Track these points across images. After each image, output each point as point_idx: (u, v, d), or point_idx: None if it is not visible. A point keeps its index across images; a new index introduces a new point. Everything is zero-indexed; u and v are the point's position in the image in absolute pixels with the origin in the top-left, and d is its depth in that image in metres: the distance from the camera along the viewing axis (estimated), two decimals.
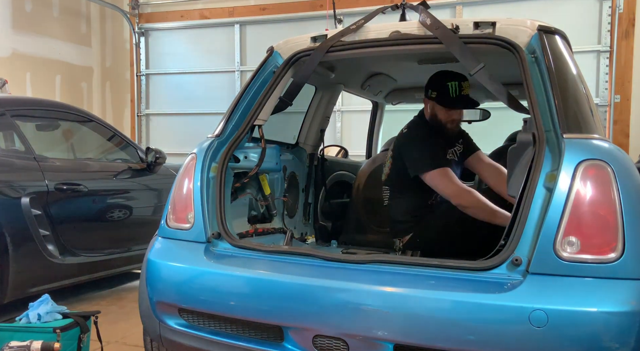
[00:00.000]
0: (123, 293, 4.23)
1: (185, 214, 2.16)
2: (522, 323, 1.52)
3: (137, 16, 7.98)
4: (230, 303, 1.91)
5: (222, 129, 2.34)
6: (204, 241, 2.09)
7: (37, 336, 2.33)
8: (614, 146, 1.74)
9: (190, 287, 2.01)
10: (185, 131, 7.65)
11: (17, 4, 6.68)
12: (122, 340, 3.17)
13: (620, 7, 5.95)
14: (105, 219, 3.94)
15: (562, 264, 1.58)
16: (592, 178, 1.63)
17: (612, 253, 1.56)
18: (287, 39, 2.49)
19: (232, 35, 7.55)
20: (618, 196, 1.59)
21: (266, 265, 1.97)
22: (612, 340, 1.47)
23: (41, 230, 3.40)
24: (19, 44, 6.69)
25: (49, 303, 2.54)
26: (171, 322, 2.07)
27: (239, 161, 2.42)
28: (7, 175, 3.33)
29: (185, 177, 2.21)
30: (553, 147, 1.75)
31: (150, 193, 4.37)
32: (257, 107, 2.34)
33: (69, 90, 7.54)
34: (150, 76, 8.06)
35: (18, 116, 3.70)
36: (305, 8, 7.11)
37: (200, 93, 7.69)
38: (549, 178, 1.68)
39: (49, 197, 3.48)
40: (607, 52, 6.01)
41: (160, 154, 4.29)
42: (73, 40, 7.61)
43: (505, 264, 1.64)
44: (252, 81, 2.42)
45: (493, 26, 2.09)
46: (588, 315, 1.49)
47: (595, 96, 6.02)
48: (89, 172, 3.97)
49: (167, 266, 2.08)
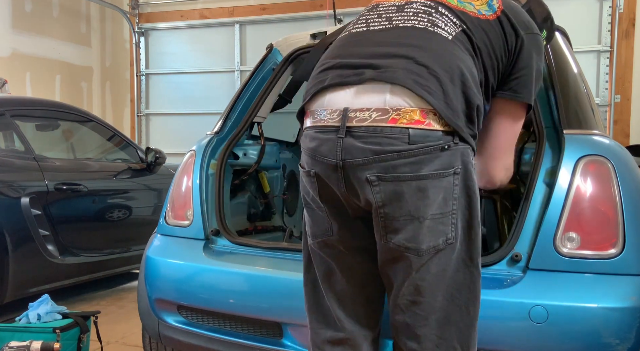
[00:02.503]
0: (123, 293, 4.22)
1: (184, 211, 2.16)
2: (522, 319, 1.51)
3: (137, 16, 7.98)
4: (229, 300, 1.91)
5: (221, 126, 2.34)
6: (202, 238, 2.09)
7: (36, 336, 2.32)
8: (614, 141, 1.74)
9: (189, 284, 2.00)
10: (185, 131, 7.64)
11: (17, 4, 6.68)
12: (122, 340, 3.16)
13: (620, 7, 5.94)
14: (105, 219, 3.94)
15: (562, 260, 1.58)
16: (593, 173, 1.63)
17: (612, 249, 1.56)
18: (287, 36, 2.49)
19: (232, 35, 7.55)
20: (618, 191, 1.59)
21: (265, 262, 1.97)
22: (612, 336, 1.46)
23: (41, 230, 3.40)
24: (19, 44, 6.69)
25: (48, 303, 2.54)
26: (170, 319, 2.06)
27: (238, 158, 2.42)
28: (6, 175, 3.33)
29: (184, 174, 2.21)
30: (553, 143, 1.75)
31: (150, 193, 4.37)
32: (257, 105, 2.34)
33: (68, 90, 7.54)
34: (150, 76, 8.06)
35: (18, 116, 3.70)
36: (305, 8, 7.11)
37: (200, 93, 7.69)
38: (549, 174, 1.68)
39: (49, 197, 3.48)
40: (607, 52, 6.01)
41: (160, 154, 4.29)
42: (73, 40, 7.61)
43: (505, 260, 1.64)
44: (252, 78, 2.42)
45: None
46: (588, 311, 1.49)
47: (596, 96, 6.01)
48: (88, 172, 3.97)
49: (166, 263, 2.08)
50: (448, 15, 1.41)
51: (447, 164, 1.27)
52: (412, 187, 1.26)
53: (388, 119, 1.26)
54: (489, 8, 1.45)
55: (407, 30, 1.39)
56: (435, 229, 1.28)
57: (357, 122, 1.28)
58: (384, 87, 1.29)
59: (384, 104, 1.28)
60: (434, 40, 1.36)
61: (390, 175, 1.26)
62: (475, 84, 1.35)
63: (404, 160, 1.25)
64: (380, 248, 1.37)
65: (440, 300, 1.31)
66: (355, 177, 1.30)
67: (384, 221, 1.30)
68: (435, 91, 1.27)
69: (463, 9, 1.43)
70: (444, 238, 1.29)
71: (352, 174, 1.30)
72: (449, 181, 1.27)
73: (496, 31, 1.43)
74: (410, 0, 1.46)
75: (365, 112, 1.28)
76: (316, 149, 1.35)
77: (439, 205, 1.28)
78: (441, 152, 1.26)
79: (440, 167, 1.26)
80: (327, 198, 1.39)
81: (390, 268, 1.37)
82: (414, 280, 1.31)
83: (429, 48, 1.34)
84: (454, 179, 1.28)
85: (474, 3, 1.45)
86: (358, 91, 1.32)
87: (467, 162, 1.30)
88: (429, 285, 1.31)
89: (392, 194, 1.27)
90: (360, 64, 1.34)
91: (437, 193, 1.27)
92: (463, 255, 1.32)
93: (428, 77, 1.28)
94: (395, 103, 1.27)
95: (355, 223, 1.41)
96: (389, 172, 1.26)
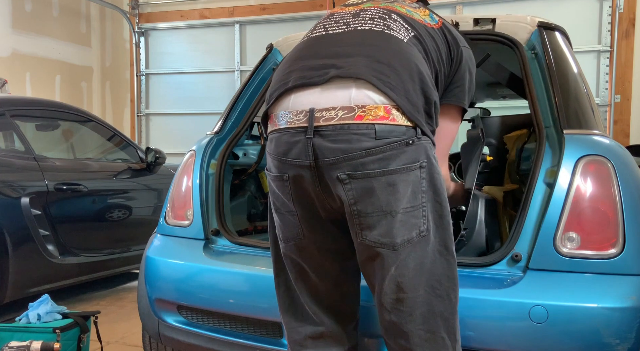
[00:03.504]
0: (123, 293, 4.22)
1: (184, 211, 2.16)
2: (522, 319, 1.51)
3: (137, 16, 7.98)
4: (229, 300, 1.91)
5: (221, 126, 2.34)
6: (202, 238, 2.09)
7: (36, 336, 2.32)
8: (614, 141, 1.74)
9: (189, 284, 2.00)
10: (185, 131, 7.64)
11: (17, 4, 6.68)
12: (122, 340, 3.16)
13: (620, 7, 5.94)
14: (105, 219, 3.94)
15: (562, 260, 1.57)
16: (593, 173, 1.62)
17: (612, 249, 1.56)
18: (287, 36, 2.49)
19: (232, 35, 7.55)
20: (618, 191, 1.59)
21: (265, 262, 1.96)
22: (612, 336, 1.46)
23: (41, 230, 3.40)
24: (19, 44, 6.69)
25: (48, 303, 2.54)
26: (170, 319, 2.06)
27: (238, 158, 2.42)
28: (6, 175, 3.32)
29: (184, 174, 2.21)
30: (553, 143, 1.75)
31: (150, 193, 4.37)
32: (257, 104, 2.34)
33: (68, 90, 7.54)
34: (150, 76, 8.06)
35: (18, 116, 3.70)
36: (305, 8, 7.12)
37: (200, 93, 7.69)
38: (549, 174, 1.68)
39: (49, 197, 3.48)
40: (608, 52, 6.01)
41: (160, 154, 4.29)
42: (73, 40, 7.61)
43: (505, 260, 1.64)
44: (252, 78, 2.42)
45: (493, 23, 2.09)
46: (588, 311, 1.49)
47: (596, 96, 6.01)
48: (88, 172, 3.96)
49: (165, 263, 2.08)
50: (400, 22, 1.48)
51: (413, 158, 1.31)
52: (382, 182, 1.30)
53: (354, 116, 1.30)
54: (431, 19, 1.57)
55: (365, 32, 1.44)
56: (407, 222, 1.32)
57: (324, 121, 1.31)
58: (348, 83, 1.33)
59: (349, 101, 1.31)
60: (391, 41, 1.41)
61: (360, 172, 1.30)
62: (431, 82, 1.40)
63: (372, 157, 1.29)
64: (357, 247, 1.40)
65: (422, 294, 1.34)
66: (328, 176, 1.33)
67: (358, 219, 1.33)
68: (397, 87, 1.32)
69: (412, 17, 1.52)
70: (417, 231, 1.33)
71: (325, 173, 1.33)
72: (415, 174, 1.32)
73: (441, 39, 1.53)
74: (364, 8, 1.53)
75: (332, 111, 1.31)
76: (286, 152, 1.37)
77: (409, 199, 1.32)
78: (406, 147, 1.31)
79: (407, 161, 1.31)
80: (299, 200, 1.41)
81: (369, 267, 1.39)
82: (394, 277, 1.34)
83: (388, 48, 1.39)
84: (420, 172, 1.33)
85: (419, 13, 1.55)
86: (323, 90, 1.35)
87: (430, 156, 1.35)
88: (409, 280, 1.33)
89: (363, 190, 1.31)
90: (323, 64, 1.38)
91: (406, 186, 1.31)
92: (437, 246, 1.36)
93: (389, 73, 1.33)
94: (360, 100, 1.31)
95: (326, 225, 1.45)
96: (359, 170, 1.30)
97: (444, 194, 1.38)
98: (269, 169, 1.46)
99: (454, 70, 1.55)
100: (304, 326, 1.54)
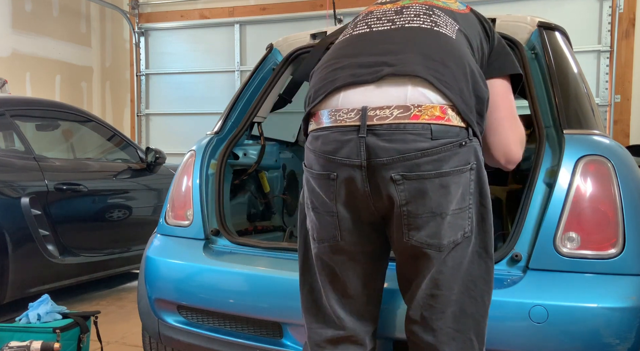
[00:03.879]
0: (123, 293, 4.22)
1: (184, 211, 2.16)
2: (522, 319, 1.51)
3: (137, 16, 7.98)
4: (229, 300, 1.91)
5: (221, 126, 2.34)
6: (202, 238, 2.09)
7: (36, 336, 2.32)
8: (614, 141, 1.74)
9: (189, 284, 2.00)
10: (185, 131, 7.64)
11: (17, 4, 6.68)
12: (122, 340, 3.16)
13: (620, 7, 5.94)
14: (105, 219, 3.94)
15: (562, 260, 1.57)
16: (593, 173, 1.63)
17: (613, 249, 1.56)
18: (287, 36, 2.49)
19: (232, 35, 7.55)
20: (618, 191, 1.59)
21: (265, 262, 1.97)
22: (612, 336, 1.46)
23: (41, 230, 3.40)
24: (19, 44, 6.69)
25: (48, 303, 2.54)
26: (170, 319, 2.06)
27: (238, 158, 2.42)
28: (6, 175, 3.32)
29: (184, 174, 2.21)
30: (553, 143, 1.75)
31: (150, 193, 4.37)
32: (257, 105, 2.34)
33: (68, 90, 7.54)
34: (150, 76, 8.06)
35: (18, 116, 3.70)
36: (305, 8, 7.11)
37: (200, 93, 7.69)
38: (549, 174, 1.68)
39: (49, 197, 3.48)
40: (607, 52, 6.00)
41: (160, 154, 4.29)
42: (73, 40, 7.61)
43: (505, 260, 1.64)
44: (252, 78, 2.42)
45: (493, 23, 2.08)
46: (588, 311, 1.49)
47: (596, 96, 6.01)
48: (88, 172, 3.97)
49: (165, 263, 2.07)
50: (445, 17, 1.45)
51: (465, 160, 1.29)
52: (435, 184, 1.27)
53: (410, 115, 1.26)
54: (461, 4, 1.56)
55: (414, 30, 1.40)
56: (454, 224, 1.30)
57: (378, 120, 1.27)
58: (403, 82, 1.30)
59: (405, 100, 1.28)
60: (441, 39, 1.38)
61: (414, 173, 1.27)
62: (482, 79, 1.38)
63: (427, 158, 1.26)
64: (399, 247, 1.37)
65: (456, 293, 1.33)
66: (380, 176, 1.29)
67: (407, 219, 1.30)
68: (453, 86, 1.29)
69: (450, 9, 1.49)
70: (462, 232, 1.32)
71: (377, 173, 1.29)
72: (466, 176, 1.30)
73: (474, 22, 1.53)
74: (405, 5, 1.49)
75: (386, 110, 1.28)
76: (335, 150, 1.32)
77: (458, 201, 1.30)
78: (459, 148, 1.28)
79: (459, 163, 1.28)
80: (343, 201, 1.36)
81: (411, 266, 1.37)
82: (432, 275, 1.33)
83: (439, 46, 1.36)
84: (470, 174, 1.31)
85: (452, 3, 1.54)
86: (376, 88, 1.31)
87: (479, 158, 1.34)
88: (445, 278, 1.32)
89: (416, 192, 1.28)
90: (375, 62, 1.34)
91: (457, 189, 1.29)
92: (477, 247, 1.35)
93: (445, 72, 1.30)
94: (416, 99, 1.28)
95: (364, 227, 1.40)
96: (413, 171, 1.27)
97: (489, 196, 1.37)
98: (310, 166, 1.40)
99: (491, 45, 1.55)
100: (325, 329, 1.50)
